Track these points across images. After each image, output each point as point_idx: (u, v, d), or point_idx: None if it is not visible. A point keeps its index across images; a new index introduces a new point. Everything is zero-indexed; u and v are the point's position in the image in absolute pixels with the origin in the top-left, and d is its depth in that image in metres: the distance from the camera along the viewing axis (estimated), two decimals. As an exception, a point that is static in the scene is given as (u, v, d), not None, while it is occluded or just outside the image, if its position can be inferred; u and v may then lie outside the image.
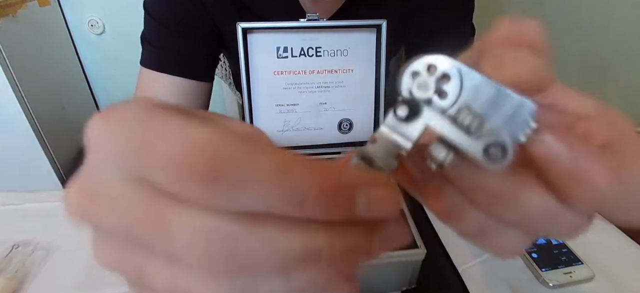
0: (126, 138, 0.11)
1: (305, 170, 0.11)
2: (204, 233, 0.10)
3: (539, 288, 0.43)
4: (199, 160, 0.10)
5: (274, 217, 0.11)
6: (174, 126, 0.11)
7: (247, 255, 0.10)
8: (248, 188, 0.10)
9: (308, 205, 0.10)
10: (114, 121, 0.12)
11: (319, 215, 0.11)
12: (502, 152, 0.13)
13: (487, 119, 0.13)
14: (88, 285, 0.44)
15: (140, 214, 0.12)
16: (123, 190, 0.12)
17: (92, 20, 1.37)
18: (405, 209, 0.44)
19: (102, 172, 0.12)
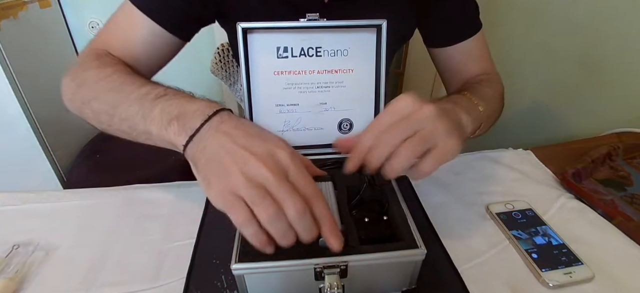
0: (291, 168, 0.35)
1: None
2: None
3: (539, 288, 0.43)
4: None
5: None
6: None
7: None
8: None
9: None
10: (281, 159, 0.36)
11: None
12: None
13: None
14: (88, 285, 0.44)
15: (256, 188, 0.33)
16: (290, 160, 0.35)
17: (93, 21, 1.37)
18: (405, 209, 0.44)
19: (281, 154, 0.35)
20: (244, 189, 0.32)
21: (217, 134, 0.37)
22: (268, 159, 0.34)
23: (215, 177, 0.34)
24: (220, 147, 0.36)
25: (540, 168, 0.65)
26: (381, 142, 0.40)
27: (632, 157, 0.66)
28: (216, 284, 0.43)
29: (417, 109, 0.40)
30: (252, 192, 0.32)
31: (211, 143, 0.36)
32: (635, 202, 0.56)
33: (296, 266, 0.37)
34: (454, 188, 0.59)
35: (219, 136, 0.37)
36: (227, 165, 0.34)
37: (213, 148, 0.36)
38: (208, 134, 0.37)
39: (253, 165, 0.33)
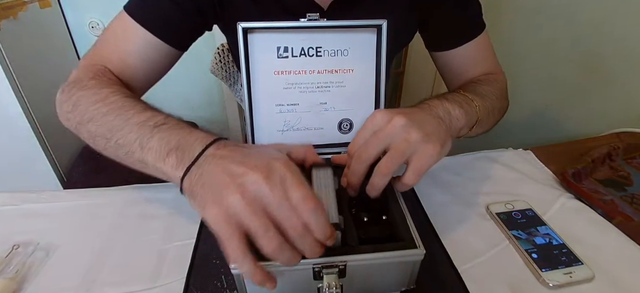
0: (286, 169, 0.35)
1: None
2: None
3: (539, 288, 0.43)
4: (307, 199, 0.34)
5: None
6: (300, 186, 0.34)
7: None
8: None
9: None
10: (245, 196, 0.33)
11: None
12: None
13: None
14: (88, 285, 0.44)
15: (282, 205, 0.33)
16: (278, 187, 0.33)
17: (93, 21, 1.37)
18: (404, 209, 0.44)
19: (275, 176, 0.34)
20: (243, 212, 0.32)
21: (215, 159, 0.36)
22: (265, 169, 0.33)
23: (211, 198, 0.33)
24: (217, 167, 0.35)
25: (540, 168, 0.65)
26: (354, 162, 0.41)
27: (632, 157, 0.66)
28: (216, 284, 0.43)
29: (388, 121, 0.40)
30: (253, 221, 0.32)
31: (208, 168, 0.36)
32: (635, 202, 0.55)
33: (295, 266, 0.37)
34: (454, 188, 0.59)
35: (216, 160, 0.36)
36: (223, 184, 0.33)
37: (210, 172, 0.35)
38: (206, 161, 0.36)
39: (250, 178, 0.33)
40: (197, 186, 0.35)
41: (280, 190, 0.32)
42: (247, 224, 0.32)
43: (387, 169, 0.39)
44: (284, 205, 0.32)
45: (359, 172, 0.41)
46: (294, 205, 0.32)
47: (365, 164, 0.41)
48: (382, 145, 0.41)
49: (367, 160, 0.41)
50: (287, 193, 0.32)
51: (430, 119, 0.44)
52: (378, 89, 0.50)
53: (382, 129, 0.41)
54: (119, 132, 0.43)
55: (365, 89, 0.50)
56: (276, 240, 0.32)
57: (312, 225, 0.33)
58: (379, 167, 0.40)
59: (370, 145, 0.41)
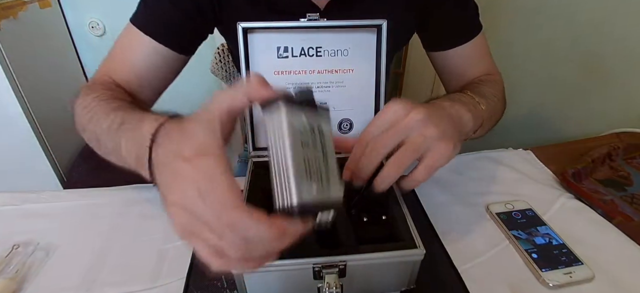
0: (203, 183, 0.27)
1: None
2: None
3: (539, 288, 0.43)
4: (223, 215, 0.27)
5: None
6: (220, 190, 0.27)
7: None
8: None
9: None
10: (200, 169, 0.28)
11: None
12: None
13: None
14: (88, 285, 0.44)
15: (204, 214, 0.27)
16: (198, 200, 0.27)
17: (93, 21, 1.37)
18: (405, 210, 0.44)
19: (189, 189, 0.27)
20: (191, 237, 0.28)
21: (157, 169, 0.33)
22: (181, 202, 0.28)
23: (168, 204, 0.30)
24: (159, 184, 0.32)
25: (540, 168, 0.65)
26: (368, 153, 0.39)
27: (632, 157, 0.66)
28: (216, 284, 0.43)
29: (405, 114, 0.38)
30: (199, 244, 0.28)
31: (159, 177, 0.32)
32: (635, 202, 0.55)
33: (295, 265, 0.37)
34: (454, 188, 0.59)
35: (160, 169, 0.32)
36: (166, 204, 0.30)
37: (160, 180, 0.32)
38: (155, 170, 0.33)
39: (175, 216, 0.28)
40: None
41: (206, 212, 0.27)
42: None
43: (402, 163, 0.37)
44: (216, 228, 0.27)
45: (372, 163, 0.38)
46: (223, 225, 0.27)
47: (381, 156, 0.38)
48: (399, 138, 0.38)
49: (384, 152, 0.38)
50: (217, 215, 0.27)
51: (446, 117, 0.42)
52: (378, 89, 0.50)
53: (399, 120, 0.38)
54: (101, 139, 0.44)
55: (365, 89, 0.51)
56: (230, 256, 0.28)
57: (242, 240, 0.27)
58: (393, 160, 0.38)
59: (388, 137, 0.38)
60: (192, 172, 0.27)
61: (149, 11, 0.55)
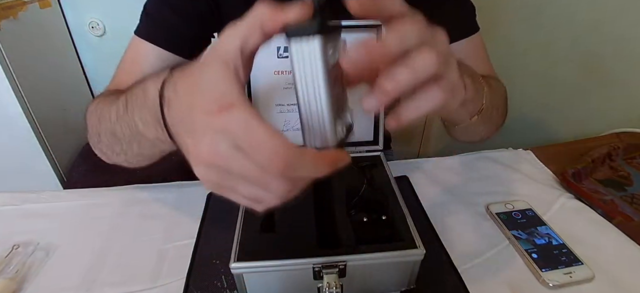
0: (243, 134, 0.24)
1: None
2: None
3: (539, 288, 0.43)
4: (277, 160, 0.23)
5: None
6: (266, 136, 0.23)
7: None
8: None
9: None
10: (234, 120, 0.24)
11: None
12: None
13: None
14: (88, 285, 0.44)
15: (244, 167, 0.24)
16: (233, 153, 0.24)
17: (93, 22, 1.37)
18: (404, 209, 0.44)
19: (222, 143, 0.24)
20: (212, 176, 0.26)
21: (175, 126, 0.31)
22: (209, 148, 0.25)
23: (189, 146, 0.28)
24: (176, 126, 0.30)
25: (540, 168, 0.65)
26: (406, 67, 0.26)
27: (632, 157, 0.66)
28: (216, 284, 0.43)
29: (431, 36, 0.28)
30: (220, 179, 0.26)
31: (179, 139, 0.31)
32: (635, 202, 0.55)
33: (295, 265, 0.37)
34: (454, 188, 0.59)
35: (178, 128, 0.31)
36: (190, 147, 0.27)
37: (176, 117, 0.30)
38: (172, 129, 0.32)
39: (197, 167, 0.27)
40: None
41: (247, 166, 0.25)
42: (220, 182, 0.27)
43: (433, 62, 0.26)
44: (260, 179, 0.25)
45: (405, 83, 0.26)
46: (272, 173, 0.24)
47: (419, 80, 0.27)
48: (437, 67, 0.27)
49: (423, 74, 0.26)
50: (265, 165, 0.24)
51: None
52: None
53: (434, 43, 0.28)
54: (117, 131, 0.43)
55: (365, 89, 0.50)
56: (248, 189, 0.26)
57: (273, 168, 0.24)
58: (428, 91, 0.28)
59: (428, 58, 0.26)
60: (222, 126, 0.24)
61: (151, 21, 0.55)
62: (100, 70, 1.48)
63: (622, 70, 0.93)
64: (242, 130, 0.24)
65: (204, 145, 0.25)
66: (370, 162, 0.52)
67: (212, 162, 0.25)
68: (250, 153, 0.24)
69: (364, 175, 0.50)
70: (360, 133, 0.54)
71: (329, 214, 0.44)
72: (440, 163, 0.66)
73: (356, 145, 0.54)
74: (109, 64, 1.01)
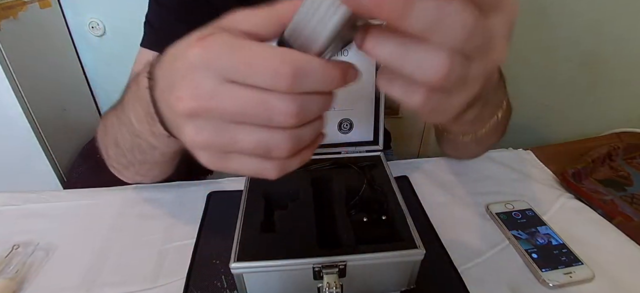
0: (231, 57, 0.19)
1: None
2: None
3: (539, 288, 0.43)
4: (283, 67, 0.19)
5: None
6: (260, 48, 0.19)
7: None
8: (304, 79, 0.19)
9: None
10: (214, 47, 0.20)
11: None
12: None
13: None
14: (88, 285, 0.44)
15: (240, 100, 0.20)
16: (222, 88, 0.20)
17: (93, 22, 1.37)
18: (404, 209, 0.44)
19: (206, 81, 0.20)
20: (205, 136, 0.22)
21: (160, 97, 0.29)
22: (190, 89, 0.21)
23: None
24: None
25: (540, 168, 0.65)
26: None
27: (632, 157, 0.66)
28: (216, 284, 0.43)
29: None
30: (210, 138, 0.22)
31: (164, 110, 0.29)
32: (635, 202, 0.55)
33: (295, 265, 0.37)
34: (454, 188, 0.59)
35: (162, 95, 0.28)
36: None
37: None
38: (160, 105, 0.29)
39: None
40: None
41: (240, 94, 0.20)
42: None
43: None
44: (259, 111, 0.20)
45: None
46: (274, 86, 0.20)
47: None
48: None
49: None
50: (261, 77, 0.20)
51: None
52: (378, 89, 0.50)
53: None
54: (120, 139, 0.43)
55: (365, 89, 0.51)
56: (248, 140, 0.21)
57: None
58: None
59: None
60: (203, 59, 0.20)
61: (156, 31, 0.55)
62: (100, 70, 1.48)
63: (622, 70, 0.93)
64: (227, 55, 0.19)
65: (185, 89, 0.21)
66: (370, 162, 0.52)
67: (199, 107, 0.20)
68: (245, 76, 0.19)
69: (364, 175, 0.50)
70: (360, 133, 0.53)
71: (329, 214, 0.44)
72: (440, 163, 0.65)
73: (356, 145, 0.54)
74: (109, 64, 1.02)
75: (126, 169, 0.50)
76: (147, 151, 0.41)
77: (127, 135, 0.41)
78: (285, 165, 0.23)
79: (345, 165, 0.51)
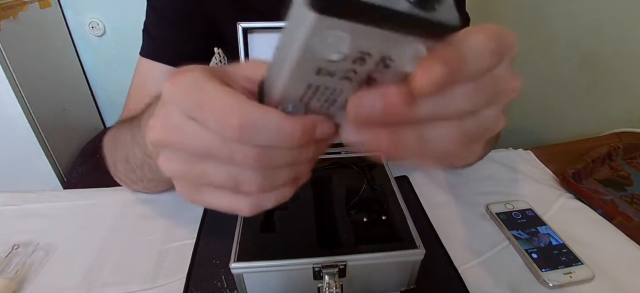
0: (188, 96, 0.19)
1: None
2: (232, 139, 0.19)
3: (539, 288, 0.43)
4: (231, 118, 0.18)
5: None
6: (217, 93, 0.19)
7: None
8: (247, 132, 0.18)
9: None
10: (180, 84, 0.20)
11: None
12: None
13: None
14: (88, 285, 0.44)
15: (201, 139, 0.20)
16: (186, 124, 0.20)
17: (93, 21, 1.37)
18: (404, 209, 0.44)
19: (174, 115, 0.20)
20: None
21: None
22: (161, 126, 0.21)
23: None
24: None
25: (540, 169, 0.65)
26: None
27: (632, 157, 0.66)
28: (216, 284, 0.43)
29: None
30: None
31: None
32: (635, 202, 0.55)
33: (295, 265, 0.37)
34: (454, 188, 0.59)
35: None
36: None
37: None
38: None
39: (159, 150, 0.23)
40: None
41: (202, 134, 0.20)
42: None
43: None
44: (221, 150, 0.20)
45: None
46: (230, 136, 0.19)
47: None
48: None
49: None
50: (218, 125, 0.19)
51: None
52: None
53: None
54: (130, 157, 0.44)
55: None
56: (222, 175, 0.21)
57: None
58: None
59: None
60: (172, 94, 0.20)
61: (154, 40, 0.55)
62: (100, 70, 1.48)
63: (622, 71, 0.93)
64: (189, 93, 0.19)
65: (157, 120, 0.21)
66: (370, 162, 0.52)
67: (167, 139, 0.21)
68: (200, 117, 0.19)
69: (364, 175, 0.50)
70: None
71: (329, 214, 0.44)
72: (440, 163, 0.65)
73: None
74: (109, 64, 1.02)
75: (134, 183, 0.51)
76: (157, 170, 0.41)
77: (139, 154, 0.42)
78: (259, 202, 0.22)
79: (345, 165, 0.51)
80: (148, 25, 0.55)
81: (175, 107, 0.20)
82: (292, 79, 0.17)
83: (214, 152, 0.20)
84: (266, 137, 0.19)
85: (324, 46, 0.14)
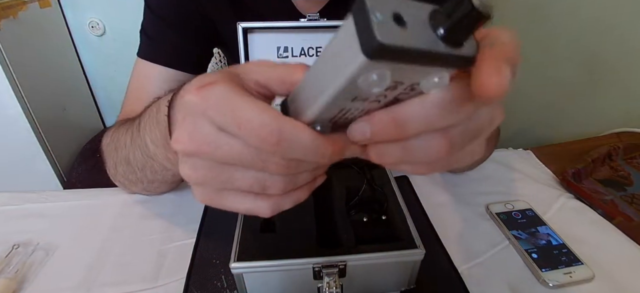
0: (220, 111, 0.20)
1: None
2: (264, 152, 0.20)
3: (539, 288, 0.43)
4: (270, 136, 0.19)
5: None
6: (250, 108, 0.19)
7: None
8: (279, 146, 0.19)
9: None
10: (210, 97, 0.20)
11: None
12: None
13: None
14: (88, 285, 0.44)
15: (235, 150, 0.20)
16: (218, 136, 0.20)
17: (93, 21, 1.37)
18: (404, 209, 0.44)
19: (204, 127, 0.21)
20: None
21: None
22: (187, 138, 0.22)
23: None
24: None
25: (540, 169, 0.65)
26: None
27: (632, 157, 0.66)
28: (216, 284, 0.43)
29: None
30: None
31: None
32: (635, 202, 0.55)
33: (295, 265, 0.37)
34: (454, 188, 0.59)
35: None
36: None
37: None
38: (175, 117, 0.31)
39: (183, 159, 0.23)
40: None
41: (234, 144, 0.21)
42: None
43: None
44: (253, 159, 0.21)
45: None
46: (263, 146, 0.20)
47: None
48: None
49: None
50: (252, 137, 0.20)
51: None
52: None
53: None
54: (131, 158, 0.44)
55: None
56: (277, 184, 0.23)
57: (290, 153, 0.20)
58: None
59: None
60: (202, 106, 0.20)
61: (152, 41, 0.55)
62: (100, 70, 1.48)
63: (622, 70, 0.93)
64: (223, 107, 0.20)
65: (182, 131, 0.22)
66: (370, 162, 0.52)
67: (196, 150, 0.21)
68: (236, 132, 0.20)
69: (364, 175, 0.50)
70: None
71: (329, 214, 0.44)
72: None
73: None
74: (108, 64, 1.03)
75: (133, 185, 0.51)
76: (159, 172, 0.42)
77: (140, 156, 0.42)
78: (279, 204, 0.24)
79: (345, 165, 0.51)
80: (145, 26, 0.55)
81: (205, 119, 0.21)
82: (329, 105, 0.19)
83: (247, 162, 0.21)
84: (301, 153, 0.20)
85: (367, 83, 0.16)
